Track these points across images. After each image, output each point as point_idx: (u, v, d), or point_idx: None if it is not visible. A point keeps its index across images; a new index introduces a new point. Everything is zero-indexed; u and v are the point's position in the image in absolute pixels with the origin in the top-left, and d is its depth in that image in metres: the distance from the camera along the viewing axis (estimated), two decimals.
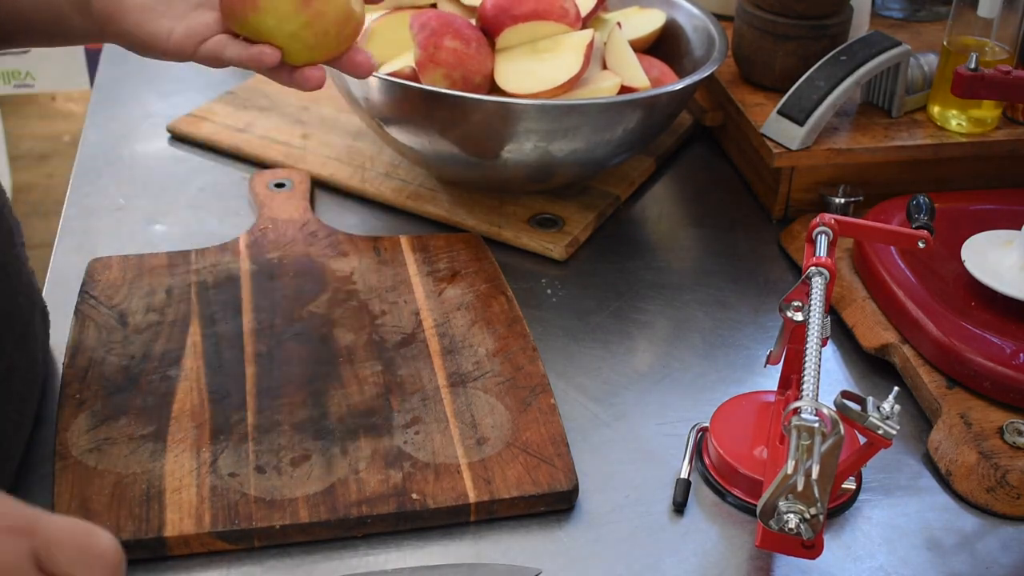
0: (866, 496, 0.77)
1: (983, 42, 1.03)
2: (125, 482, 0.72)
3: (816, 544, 0.68)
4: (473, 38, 0.95)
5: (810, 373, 0.67)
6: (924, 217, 0.86)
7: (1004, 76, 0.93)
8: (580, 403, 0.84)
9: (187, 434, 0.76)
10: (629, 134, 0.98)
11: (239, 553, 0.71)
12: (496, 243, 1.00)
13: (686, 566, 0.72)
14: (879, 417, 0.66)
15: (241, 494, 0.72)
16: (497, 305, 0.91)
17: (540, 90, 0.94)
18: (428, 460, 0.75)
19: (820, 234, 0.78)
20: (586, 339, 0.91)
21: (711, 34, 1.07)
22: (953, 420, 0.80)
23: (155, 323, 0.86)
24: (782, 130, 1.02)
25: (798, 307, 0.75)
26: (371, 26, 1.01)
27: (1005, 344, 0.83)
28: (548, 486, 0.74)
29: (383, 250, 0.96)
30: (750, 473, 0.75)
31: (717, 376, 0.88)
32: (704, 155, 1.18)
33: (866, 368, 0.89)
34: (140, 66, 1.32)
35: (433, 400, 0.80)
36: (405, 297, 0.91)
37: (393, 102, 0.96)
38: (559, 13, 0.97)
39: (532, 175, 0.99)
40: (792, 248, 1.01)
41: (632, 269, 0.99)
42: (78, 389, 0.79)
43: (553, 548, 0.72)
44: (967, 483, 0.77)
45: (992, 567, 0.73)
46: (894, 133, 1.04)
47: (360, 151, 1.11)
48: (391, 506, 0.72)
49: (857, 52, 1.04)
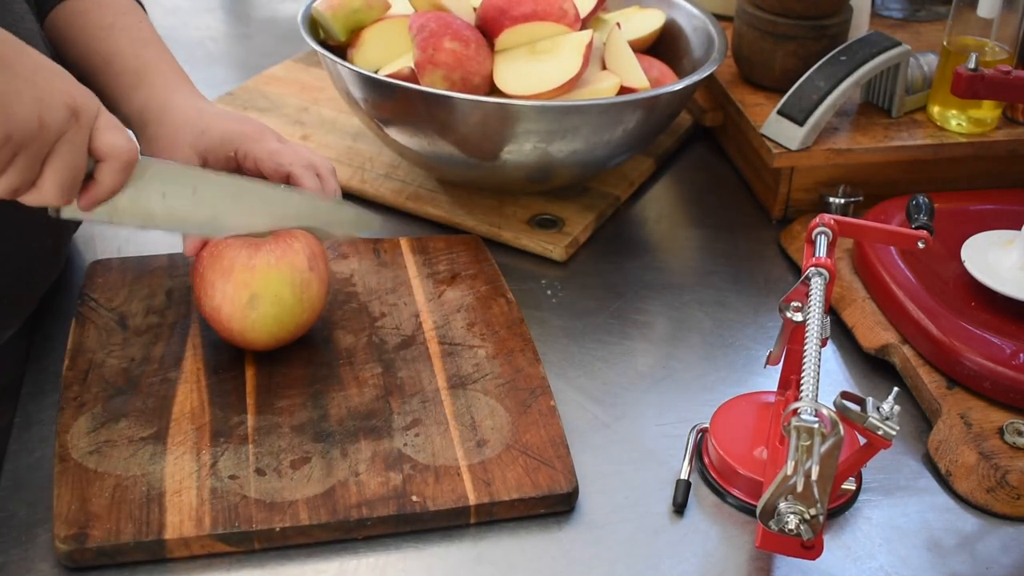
0: (866, 496, 0.77)
1: (983, 42, 1.03)
2: (125, 484, 0.72)
3: (816, 545, 0.68)
4: (472, 39, 0.95)
5: (810, 374, 0.67)
6: (924, 217, 0.86)
7: (1004, 76, 0.93)
8: (580, 404, 0.84)
9: (187, 436, 0.76)
10: (629, 134, 0.98)
11: (239, 555, 0.71)
12: (496, 244, 1.00)
13: (686, 567, 0.72)
14: (879, 418, 0.66)
15: (241, 496, 0.72)
16: (497, 307, 0.91)
17: (539, 91, 0.94)
18: (428, 462, 0.75)
19: (820, 234, 0.78)
20: (586, 339, 0.91)
21: (711, 34, 1.07)
22: (953, 420, 0.80)
23: (155, 325, 0.86)
24: (782, 130, 1.02)
25: (798, 307, 0.75)
26: (368, 29, 1.01)
27: (1005, 344, 0.83)
28: (548, 488, 0.74)
29: (383, 252, 0.96)
30: (750, 474, 0.75)
31: (717, 376, 0.88)
32: (704, 155, 1.18)
33: (866, 368, 0.89)
34: None
35: (433, 402, 0.80)
36: (405, 299, 0.91)
37: (392, 104, 0.96)
38: (558, 14, 0.97)
39: (532, 176, 0.99)
40: (792, 248, 1.01)
41: (632, 269, 0.99)
42: (78, 391, 0.79)
43: (553, 550, 0.72)
44: (967, 483, 0.77)
45: (992, 567, 0.73)
46: (894, 133, 1.04)
47: (360, 152, 1.11)
48: (391, 508, 0.72)
49: (857, 52, 1.04)
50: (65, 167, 0.68)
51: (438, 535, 0.73)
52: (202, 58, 1.35)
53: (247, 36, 1.43)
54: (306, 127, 1.15)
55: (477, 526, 0.73)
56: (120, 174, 0.71)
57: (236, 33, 1.43)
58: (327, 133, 1.14)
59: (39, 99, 0.65)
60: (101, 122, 0.70)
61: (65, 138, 0.67)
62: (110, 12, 0.91)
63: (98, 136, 0.69)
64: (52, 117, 0.66)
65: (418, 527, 0.72)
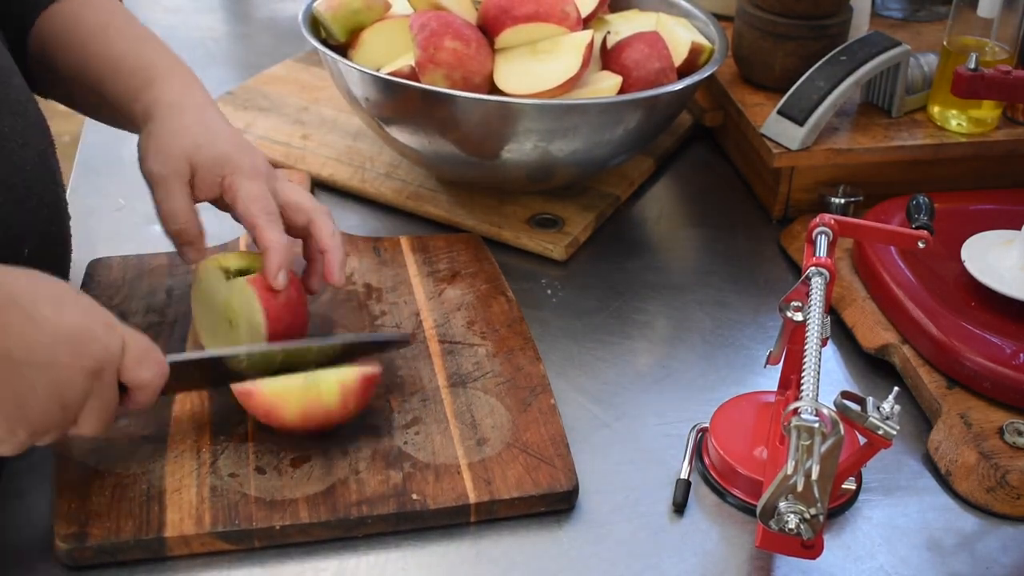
0: (866, 496, 0.77)
1: (983, 42, 1.03)
2: (125, 482, 0.72)
3: (816, 544, 0.68)
4: (473, 38, 0.95)
5: (810, 373, 0.67)
6: (924, 217, 0.86)
7: (1004, 76, 0.93)
8: (580, 403, 0.84)
9: (187, 435, 0.76)
10: (629, 134, 0.98)
11: (239, 553, 0.71)
12: (496, 243, 1.00)
13: (686, 566, 0.72)
14: (879, 417, 0.66)
15: (241, 494, 0.72)
16: (497, 305, 0.91)
17: (539, 90, 0.94)
18: (428, 460, 0.75)
19: (820, 234, 0.78)
20: (586, 339, 0.91)
21: (711, 34, 1.07)
22: (953, 420, 0.80)
23: (155, 323, 0.86)
24: (782, 130, 1.02)
25: (798, 307, 0.75)
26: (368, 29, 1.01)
27: (1005, 344, 0.83)
28: (548, 486, 0.74)
29: (383, 251, 0.96)
30: (750, 473, 0.75)
31: (717, 376, 0.88)
32: (704, 155, 1.18)
33: (866, 368, 0.89)
34: None
35: (433, 400, 0.80)
36: (405, 298, 0.91)
37: (393, 102, 0.96)
38: (560, 16, 0.96)
39: (532, 175, 0.99)
40: (792, 248, 1.01)
41: (632, 269, 0.99)
42: None
43: (553, 548, 0.72)
44: (967, 483, 0.77)
45: (992, 567, 0.73)
46: (894, 133, 1.04)
47: (360, 151, 1.11)
48: (391, 506, 0.72)
49: (857, 52, 1.04)
50: (96, 416, 0.66)
51: (438, 533, 0.73)
52: (202, 58, 1.35)
53: (247, 36, 1.43)
54: (306, 127, 1.15)
55: (477, 524, 0.73)
56: (152, 396, 0.70)
57: (236, 33, 1.43)
58: (327, 132, 1.14)
59: (55, 383, 0.63)
60: (128, 361, 0.67)
61: (92, 395, 0.65)
62: (102, 13, 0.89)
63: (126, 375, 0.67)
64: (72, 395, 0.64)
65: (418, 525, 0.72)
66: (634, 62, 0.98)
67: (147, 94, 0.84)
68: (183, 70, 0.87)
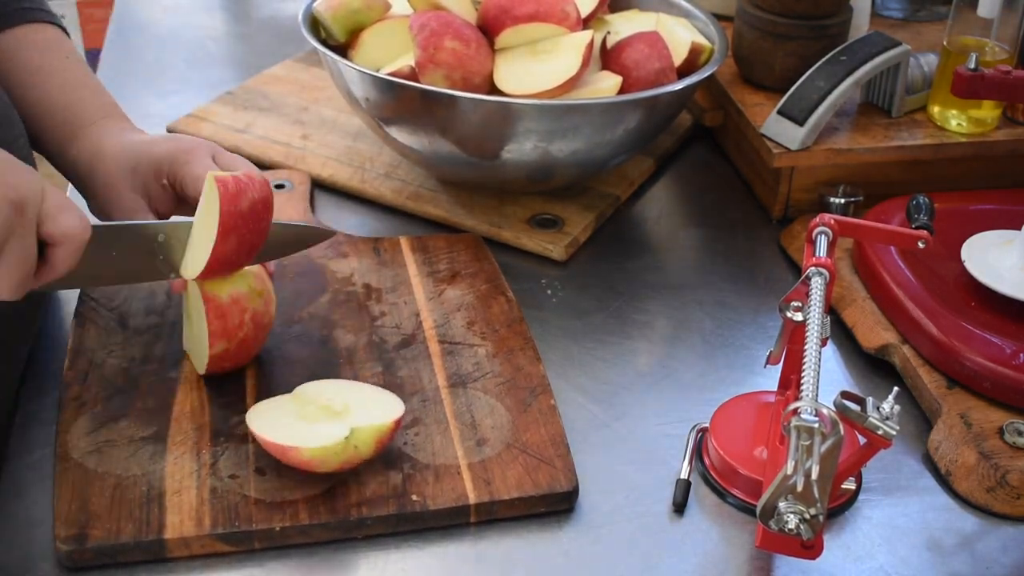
0: (866, 496, 0.77)
1: (983, 42, 1.03)
2: (125, 484, 0.72)
3: (816, 544, 0.68)
4: (473, 39, 0.95)
5: (810, 373, 0.67)
6: (924, 217, 0.86)
7: (1004, 76, 0.93)
8: (580, 403, 0.84)
9: (187, 436, 0.76)
10: (629, 134, 0.98)
11: (239, 555, 0.71)
12: (496, 243, 1.00)
13: (686, 566, 0.72)
14: (879, 417, 0.66)
15: (241, 496, 0.72)
16: (497, 306, 0.91)
17: (539, 90, 0.94)
18: (428, 461, 0.75)
19: (820, 234, 0.78)
20: (586, 339, 0.91)
21: (711, 34, 1.07)
22: (953, 420, 0.80)
23: (155, 325, 0.86)
24: (782, 130, 1.02)
25: (798, 307, 0.75)
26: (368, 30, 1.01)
27: (1005, 344, 0.83)
28: (548, 487, 0.74)
29: (383, 251, 0.96)
30: (750, 473, 0.75)
31: (717, 376, 0.88)
32: (704, 155, 1.18)
33: (866, 368, 0.89)
34: (140, 67, 1.32)
35: (433, 401, 0.80)
36: (405, 298, 0.91)
37: (393, 102, 0.96)
38: (560, 16, 0.97)
39: (532, 175, 0.99)
40: (792, 248, 1.01)
41: (632, 269, 0.99)
42: (79, 391, 0.79)
43: (553, 549, 0.72)
44: (967, 483, 0.77)
45: (992, 567, 0.73)
46: (894, 133, 1.04)
47: (360, 152, 1.11)
48: (391, 507, 0.72)
49: (857, 52, 1.04)
50: (16, 265, 0.65)
51: (438, 534, 0.73)
52: (202, 58, 1.35)
53: (247, 36, 1.43)
54: (306, 127, 1.15)
55: (477, 525, 0.73)
56: (74, 256, 0.69)
57: (236, 33, 1.43)
58: (327, 133, 1.14)
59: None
60: (49, 206, 0.67)
61: (13, 235, 0.64)
62: (36, 54, 0.88)
63: (48, 222, 0.66)
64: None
65: (418, 526, 0.73)
66: (634, 62, 0.98)
67: (71, 148, 0.86)
68: (102, 110, 0.88)
